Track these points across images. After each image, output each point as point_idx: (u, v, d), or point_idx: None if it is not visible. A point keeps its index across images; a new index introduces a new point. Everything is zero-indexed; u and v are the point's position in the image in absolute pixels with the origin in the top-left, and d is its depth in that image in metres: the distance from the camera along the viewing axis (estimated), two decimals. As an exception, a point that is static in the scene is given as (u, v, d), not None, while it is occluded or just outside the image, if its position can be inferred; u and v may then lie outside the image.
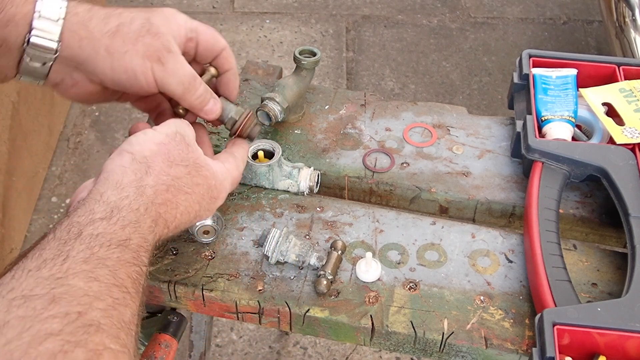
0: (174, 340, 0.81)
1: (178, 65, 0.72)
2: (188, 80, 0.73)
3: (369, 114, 0.97)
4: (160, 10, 0.74)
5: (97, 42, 0.69)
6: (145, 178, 0.64)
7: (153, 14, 0.73)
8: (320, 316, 0.74)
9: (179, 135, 0.69)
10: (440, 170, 0.89)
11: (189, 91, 0.74)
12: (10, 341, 0.47)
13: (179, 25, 0.74)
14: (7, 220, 1.74)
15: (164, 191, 0.65)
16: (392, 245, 0.81)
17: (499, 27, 2.58)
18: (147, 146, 0.67)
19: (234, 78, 0.80)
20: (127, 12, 0.72)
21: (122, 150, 0.67)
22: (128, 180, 0.63)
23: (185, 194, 0.67)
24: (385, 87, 2.36)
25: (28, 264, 0.53)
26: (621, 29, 1.85)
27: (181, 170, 0.67)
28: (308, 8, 2.62)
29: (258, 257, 0.79)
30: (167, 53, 0.71)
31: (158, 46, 0.71)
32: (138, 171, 0.64)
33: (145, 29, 0.71)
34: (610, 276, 0.78)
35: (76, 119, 2.20)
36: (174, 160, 0.67)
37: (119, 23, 0.70)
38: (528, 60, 0.93)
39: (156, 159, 0.66)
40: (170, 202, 0.66)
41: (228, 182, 0.74)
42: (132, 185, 0.63)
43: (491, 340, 0.72)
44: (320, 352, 1.68)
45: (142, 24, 0.71)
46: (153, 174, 0.65)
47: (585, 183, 0.86)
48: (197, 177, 0.69)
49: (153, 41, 0.71)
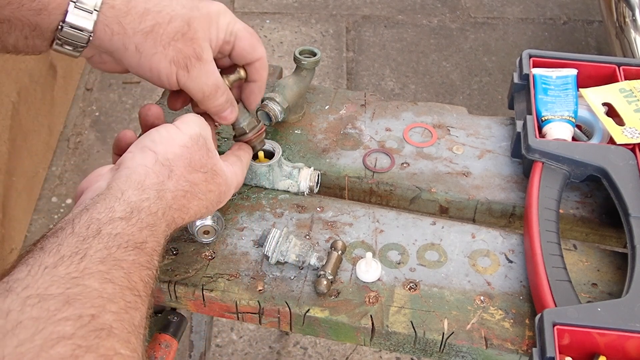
0: (174, 340, 0.81)
1: (202, 73, 0.72)
2: (209, 90, 0.74)
3: (369, 114, 0.97)
4: (206, 8, 0.73)
5: (129, 39, 0.69)
6: (166, 182, 0.65)
7: (195, 14, 0.72)
8: (320, 316, 0.74)
9: (202, 139, 0.70)
10: (440, 170, 0.89)
11: (209, 99, 0.74)
12: (23, 343, 0.47)
13: (219, 30, 0.73)
14: (7, 220, 1.74)
15: (181, 197, 0.66)
16: (392, 245, 0.81)
17: (499, 27, 2.58)
18: (171, 148, 0.67)
19: (258, 91, 0.80)
20: (169, 8, 0.71)
21: (145, 147, 0.66)
22: (150, 182, 0.63)
23: (198, 200, 0.68)
24: (385, 87, 2.36)
25: (45, 260, 0.53)
26: (621, 29, 1.85)
27: (199, 177, 0.68)
28: (308, 8, 2.62)
29: (258, 257, 0.79)
30: (195, 61, 0.71)
31: (189, 52, 0.71)
32: (160, 174, 0.65)
33: (181, 33, 0.70)
34: (610, 276, 0.78)
35: (76, 119, 2.20)
36: (194, 166, 0.68)
37: (155, 23, 0.70)
38: (528, 60, 0.93)
39: (179, 163, 0.66)
40: (184, 207, 0.66)
41: (234, 186, 0.75)
42: (154, 187, 0.63)
43: (491, 340, 0.72)
44: (320, 352, 1.68)
45: (179, 26, 0.70)
46: (174, 179, 0.65)
47: (585, 183, 0.86)
48: (212, 184, 0.70)
49: (185, 47, 0.70)
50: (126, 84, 2.30)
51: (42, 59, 1.96)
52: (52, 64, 2.04)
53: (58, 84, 2.09)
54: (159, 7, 0.70)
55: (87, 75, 2.32)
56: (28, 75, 1.87)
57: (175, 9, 0.71)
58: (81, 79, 2.30)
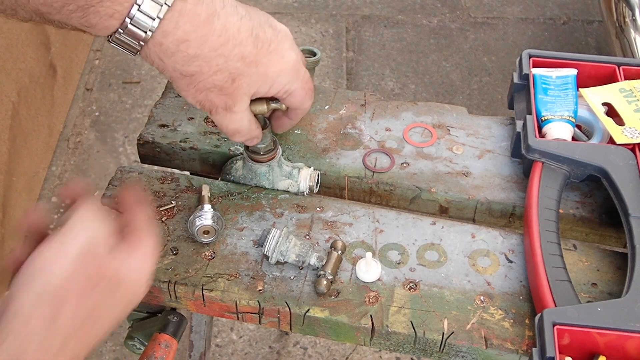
0: (174, 340, 0.81)
1: (225, 119, 0.72)
2: (228, 133, 0.74)
3: (369, 114, 0.97)
4: (266, 67, 0.69)
5: (166, 72, 0.68)
6: (57, 319, 0.55)
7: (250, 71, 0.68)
8: (320, 316, 0.74)
9: (95, 244, 0.59)
10: (440, 170, 0.89)
11: (228, 136, 0.75)
12: None
13: (272, 88, 0.72)
14: (7, 220, 1.73)
15: (79, 327, 0.57)
16: (392, 245, 0.81)
17: (499, 27, 2.58)
18: (59, 271, 0.56)
19: (289, 125, 0.82)
20: (221, 59, 0.67)
21: (28, 279, 0.56)
22: (34, 327, 0.54)
23: (105, 318, 0.60)
24: (385, 87, 2.36)
25: None
26: (621, 29, 1.85)
27: (101, 293, 0.58)
28: (308, 8, 2.62)
29: (258, 257, 0.79)
30: (222, 110, 0.70)
31: (218, 103, 0.70)
32: (49, 313, 0.55)
33: (219, 87, 0.68)
34: (610, 276, 0.78)
35: (76, 119, 2.20)
36: (91, 284, 0.57)
37: (198, 70, 0.67)
38: (528, 60, 0.93)
39: (72, 287, 0.56)
40: (88, 334, 0.58)
41: (144, 281, 0.63)
42: (40, 334, 0.54)
43: (491, 340, 0.72)
44: (320, 352, 1.68)
45: (221, 80, 0.68)
46: (69, 309, 0.56)
47: (585, 183, 0.86)
48: (118, 292, 0.60)
49: (217, 98, 0.69)
50: (126, 84, 2.30)
51: (42, 59, 1.96)
52: (52, 63, 2.04)
53: (58, 84, 2.09)
54: (213, 55, 0.66)
55: (87, 75, 2.32)
56: (28, 75, 1.87)
57: (228, 62, 0.67)
58: (81, 79, 2.30)
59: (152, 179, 0.88)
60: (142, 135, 0.93)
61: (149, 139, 0.92)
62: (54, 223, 0.62)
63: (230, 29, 0.67)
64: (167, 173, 0.89)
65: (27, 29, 1.85)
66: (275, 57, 0.70)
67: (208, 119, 0.95)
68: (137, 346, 0.84)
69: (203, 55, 0.66)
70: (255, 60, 0.69)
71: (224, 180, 0.88)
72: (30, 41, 1.87)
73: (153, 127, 0.94)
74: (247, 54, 0.68)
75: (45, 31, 1.97)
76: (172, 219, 0.83)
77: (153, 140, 0.92)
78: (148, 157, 0.94)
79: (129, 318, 0.87)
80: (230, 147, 0.91)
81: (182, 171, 0.93)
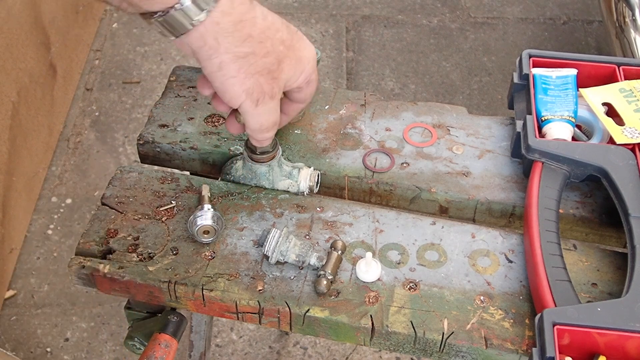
0: (174, 340, 0.81)
1: (267, 110, 0.74)
2: (268, 126, 0.76)
3: (369, 114, 0.97)
4: (300, 51, 0.74)
5: (218, 55, 0.69)
6: None
7: (290, 54, 0.73)
8: (320, 316, 0.74)
9: None
10: (440, 170, 0.89)
11: (262, 132, 0.77)
12: None
13: (302, 74, 0.76)
14: (7, 220, 1.74)
15: None
16: (392, 245, 0.81)
17: (499, 27, 2.58)
18: None
19: (283, 123, 0.83)
20: (269, 42, 0.71)
21: None
22: None
23: None
24: (385, 87, 2.36)
25: None
26: (621, 29, 1.85)
27: None
28: (308, 8, 2.62)
29: (258, 257, 0.79)
30: (269, 98, 0.72)
31: (266, 89, 0.72)
32: None
33: (268, 70, 0.71)
34: (610, 276, 0.78)
35: (76, 119, 2.20)
36: None
37: (251, 51, 0.70)
38: (528, 60, 0.93)
39: None
40: None
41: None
42: None
43: (491, 340, 0.72)
44: (320, 352, 1.68)
45: (270, 63, 0.71)
46: None
47: (585, 183, 0.86)
48: None
49: (266, 83, 0.71)
50: (126, 84, 2.30)
51: (42, 59, 1.96)
52: (52, 63, 2.04)
53: (58, 84, 2.09)
54: (262, 37, 0.70)
55: (87, 75, 2.32)
56: (28, 75, 1.87)
57: (275, 45, 0.71)
58: (81, 79, 2.30)
59: (152, 179, 0.88)
60: (142, 135, 0.93)
61: (149, 139, 0.92)
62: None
63: (268, 15, 0.71)
64: (167, 173, 0.89)
65: (27, 29, 1.85)
66: (304, 43, 0.75)
67: (208, 119, 0.95)
68: (137, 346, 0.84)
69: (255, 36, 0.69)
70: (292, 45, 0.73)
71: (224, 180, 0.88)
72: (30, 41, 1.87)
73: (153, 127, 0.94)
74: (285, 38, 0.72)
75: (45, 31, 1.97)
76: (172, 219, 0.83)
77: (153, 140, 0.92)
78: (148, 157, 0.94)
79: (129, 318, 0.87)
80: (230, 147, 0.91)
81: (182, 171, 0.93)
